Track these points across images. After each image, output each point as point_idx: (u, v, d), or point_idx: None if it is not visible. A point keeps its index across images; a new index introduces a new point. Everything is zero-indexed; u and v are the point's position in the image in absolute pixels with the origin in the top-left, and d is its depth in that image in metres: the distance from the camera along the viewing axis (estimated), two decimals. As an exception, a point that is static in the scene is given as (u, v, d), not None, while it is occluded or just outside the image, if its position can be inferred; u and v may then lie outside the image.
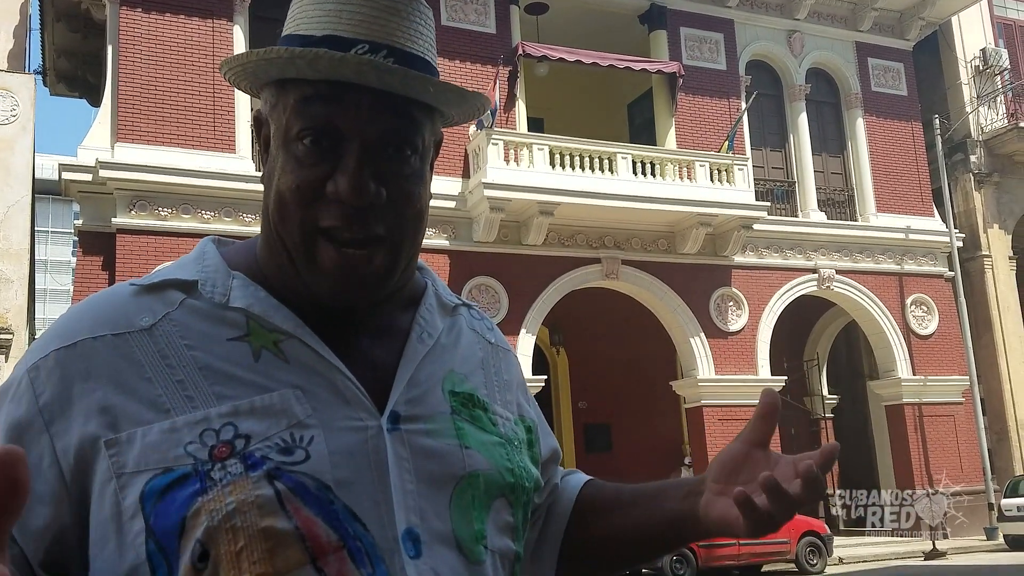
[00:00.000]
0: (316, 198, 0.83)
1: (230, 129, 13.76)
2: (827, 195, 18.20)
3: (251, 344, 0.83)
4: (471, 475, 0.86)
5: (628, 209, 15.15)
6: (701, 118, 17.03)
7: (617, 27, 17.28)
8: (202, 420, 0.78)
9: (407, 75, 0.83)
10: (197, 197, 13.23)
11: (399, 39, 0.85)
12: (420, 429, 0.85)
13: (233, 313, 0.84)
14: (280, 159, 0.85)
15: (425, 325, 0.93)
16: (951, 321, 18.29)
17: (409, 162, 0.86)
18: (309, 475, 0.78)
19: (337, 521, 0.77)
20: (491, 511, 0.87)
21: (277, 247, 0.86)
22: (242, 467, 0.76)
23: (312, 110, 0.83)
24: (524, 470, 0.92)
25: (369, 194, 0.82)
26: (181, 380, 0.80)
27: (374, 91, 0.83)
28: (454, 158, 14.88)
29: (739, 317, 16.53)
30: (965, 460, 17.49)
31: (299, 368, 0.83)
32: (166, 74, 13.49)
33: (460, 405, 0.90)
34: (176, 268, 0.88)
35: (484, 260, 14.80)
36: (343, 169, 0.82)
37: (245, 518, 0.75)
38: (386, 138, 0.84)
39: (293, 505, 0.76)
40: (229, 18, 14.03)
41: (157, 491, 0.76)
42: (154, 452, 0.77)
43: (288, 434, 0.79)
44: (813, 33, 18.50)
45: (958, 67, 20.51)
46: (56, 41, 17.32)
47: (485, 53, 15.43)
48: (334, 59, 0.81)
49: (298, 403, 0.81)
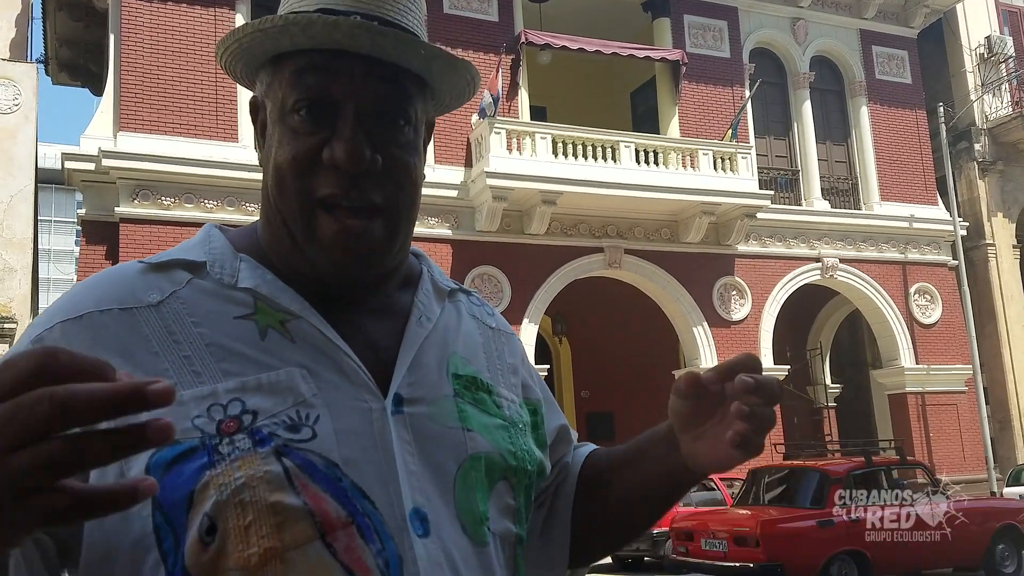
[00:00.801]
0: (313, 167, 0.84)
1: (232, 118, 13.75)
2: (831, 184, 18.16)
3: (257, 323, 0.83)
4: (473, 458, 0.86)
5: (631, 198, 15.13)
6: (704, 106, 16.98)
7: (620, 15, 17.22)
8: (209, 395, 0.78)
9: (398, 37, 0.84)
10: (200, 186, 13.23)
11: (389, 12, 0.87)
12: (423, 412, 0.86)
13: (240, 293, 0.85)
14: (277, 133, 0.86)
15: (423, 309, 0.93)
16: (955, 310, 18.27)
17: (403, 131, 0.87)
18: (317, 453, 0.78)
19: (346, 498, 0.78)
20: (493, 494, 0.88)
21: (278, 224, 0.87)
22: (250, 442, 0.76)
23: (306, 80, 0.85)
24: (527, 453, 0.92)
25: (365, 159, 0.83)
26: (188, 356, 0.80)
27: (367, 59, 0.84)
28: (456, 147, 14.86)
29: (742, 306, 16.52)
30: (968, 449, 17.51)
31: (305, 348, 0.83)
32: (168, 63, 13.47)
33: (463, 388, 0.90)
34: (182, 250, 0.89)
35: (487, 249, 14.80)
36: (338, 135, 0.83)
37: (254, 493, 0.75)
38: (380, 104, 0.85)
39: (301, 481, 0.76)
40: (231, 6, 14.00)
41: (164, 463, 0.75)
42: None
43: (295, 411, 0.79)
44: (817, 21, 18.42)
45: (963, 55, 20.42)
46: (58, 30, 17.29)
47: (488, 41, 15.39)
48: (327, 23, 0.82)
49: (304, 382, 0.81)
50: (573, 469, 1.05)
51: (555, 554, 1.03)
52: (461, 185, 14.73)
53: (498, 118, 14.61)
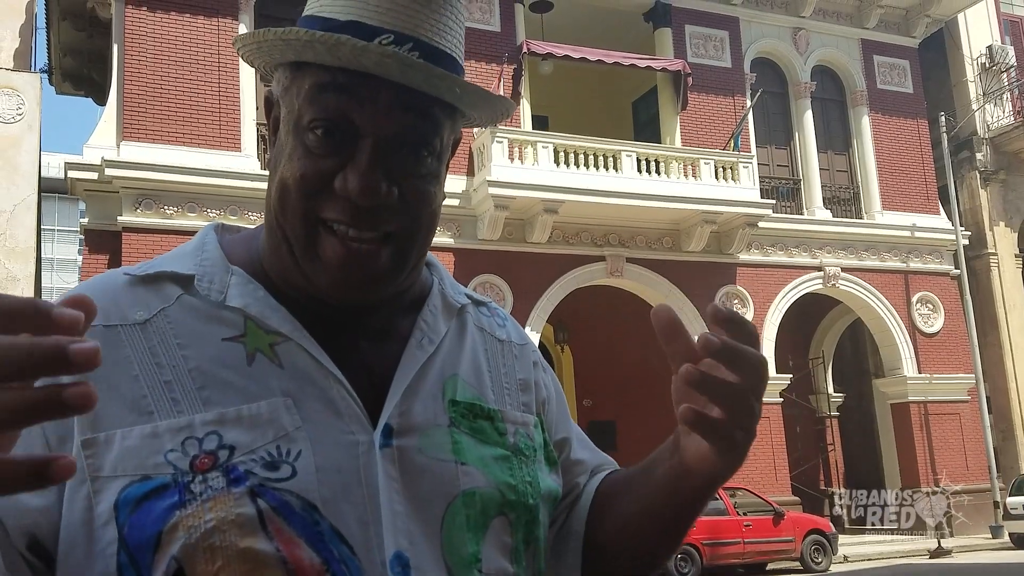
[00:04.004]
0: (322, 190, 0.78)
1: (235, 127, 13.79)
2: (832, 193, 18.17)
3: (246, 346, 0.79)
4: (466, 494, 0.80)
5: (632, 207, 15.14)
6: (706, 116, 17.01)
7: (621, 25, 17.27)
8: (185, 427, 0.74)
9: (431, 72, 0.77)
10: (202, 195, 13.26)
11: (427, 32, 0.79)
12: (412, 445, 0.80)
13: (230, 312, 0.80)
14: (288, 146, 0.80)
15: (427, 330, 0.87)
16: (957, 319, 18.25)
17: (425, 162, 0.81)
18: (294, 493, 0.73)
19: (322, 543, 0.73)
20: (488, 531, 0.82)
21: (278, 237, 0.82)
22: (224, 481, 0.72)
23: (326, 99, 0.78)
24: (528, 485, 0.85)
25: (379, 195, 0.77)
26: (169, 381, 0.76)
27: (394, 85, 0.78)
28: (459, 156, 14.89)
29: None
30: (971, 458, 17.46)
31: (293, 374, 0.78)
32: (171, 72, 13.52)
33: (460, 416, 0.84)
34: (174, 259, 0.84)
35: (488, 258, 14.81)
36: (354, 166, 0.77)
37: (224, 537, 0.71)
38: (402, 137, 0.79)
39: (275, 525, 0.72)
40: (234, 16, 14.05)
41: (133, 500, 0.71)
42: (133, 457, 0.72)
43: (275, 447, 0.74)
44: (819, 31, 18.46)
45: (964, 64, 20.45)
46: (62, 40, 17.36)
47: (490, 51, 15.43)
48: (356, 47, 0.75)
49: (287, 413, 0.76)
50: (590, 487, 0.96)
51: (566, 574, 0.94)
52: (463, 194, 14.75)
53: (500, 127, 14.64)
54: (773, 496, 14.65)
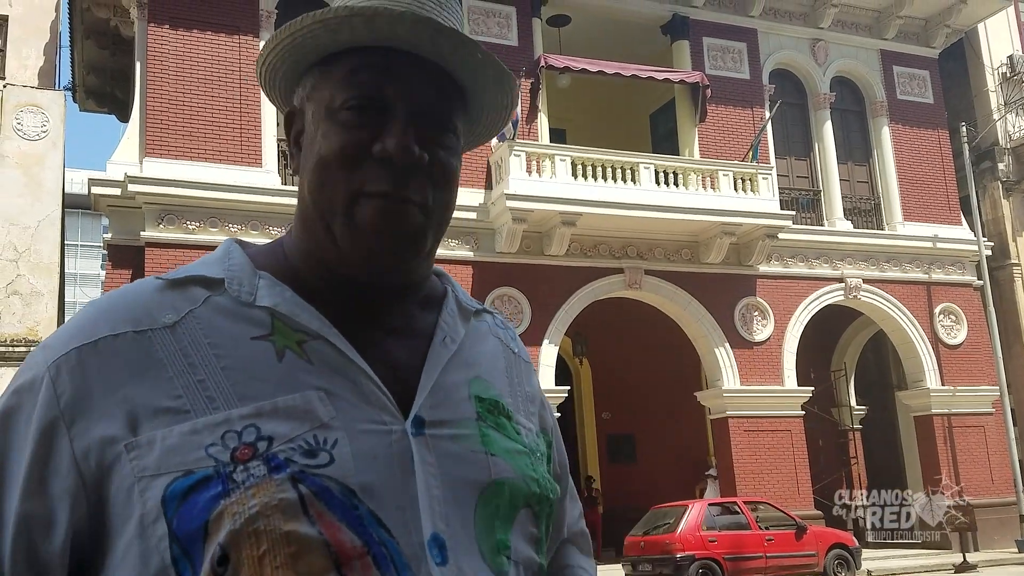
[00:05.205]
0: (360, 160, 0.84)
1: (256, 143, 13.91)
2: (853, 204, 18.06)
3: (275, 344, 0.82)
4: (496, 483, 0.84)
5: (651, 219, 15.11)
6: (724, 128, 16.97)
7: (639, 38, 17.28)
8: (223, 422, 0.76)
9: (458, 37, 0.85)
10: (224, 210, 13.37)
11: (442, 19, 0.87)
12: (446, 434, 0.83)
13: (258, 312, 0.83)
14: (321, 130, 0.86)
15: (448, 330, 0.91)
16: (980, 331, 18.05)
17: (449, 136, 0.89)
18: (333, 479, 0.76)
19: (361, 526, 0.76)
20: (516, 521, 0.85)
21: (313, 221, 0.86)
22: (265, 469, 0.75)
23: (360, 78, 0.85)
24: (548, 481, 0.91)
25: (414, 155, 0.83)
26: (202, 380, 0.78)
27: (421, 65, 0.86)
28: (477, 169, 14.94)
29: (764, 327, 16.41)
30: (995, 471, 17.22)
31: (323, 369, 0.81)
32: (193, 89, 13.67)
33: (486, 411, 0.88)
34: (201, 265, 0.88)
35: (506, 271, 14.82)
36: (389, 131, 0.84)
37: (268, 522, 0.73)
38: (429, 109, 0.87)
39: (317, 510, 0.75)
40: (255, 34, 14.20)
41: (179, 494, 0.74)
42: (175, 455, 0.75)
43: (312, 436, 0.77)
44: (837, 42, 18.39)
45: (985, 74, 20.30)
46: (85, 58, 17.61)
47: (508, 65, 15.24)
48: (392, 15, 0.82)
49: (321, 405, 0.79)
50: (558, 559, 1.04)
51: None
52: (481, 207, 14.79)
53: (518, 141, 14.68)
54: (795, 510, 14.51)
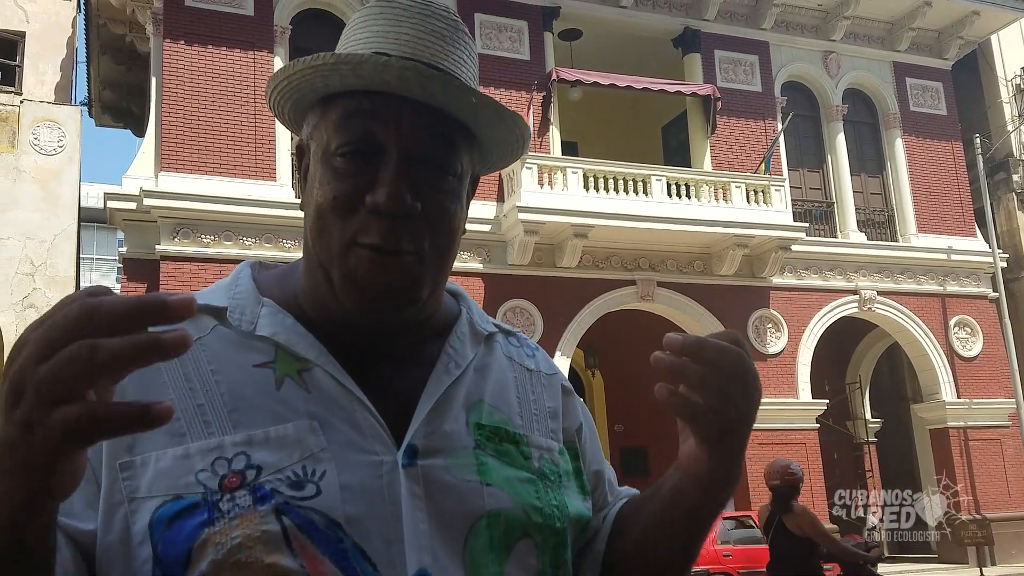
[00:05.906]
0: (354, 210, 0.82)
1: (271, 157, 14.00)
2: (867, 215, 17.99)
3: (275, 371, 0.82)
4: (491, 514, 0.82)
5: (663, 231, 15.10)
6: (736, 140, 16.96)
7: (651, 51, 17.33)
8: (216, 448, 0.77)
9: (449, 83, 0.82)
10: (239, 224, 13.46)
11: (443, 62, 0.85)
12: (438, 464, 0.82)
13: (261, 341, 0.84)
14: (319, 175, 0.85)
15: (454, 355, 0.90)
16: (996, 343, 17.91)
17: (446, 179, 0.86)
18: (318, 511, 0.76)
19: (345, 560, 0.75)
20: (512, 553, 0.82)
21: (314, 263, 0.86)
22: (251, 499, 0.75)
23: (352, 124, 0.84)
24: (555, 508, 0.87)
25: (405, 204, 0.81)
26: (201, 404, 0.79)
27: (415, 106, 0.84)
28: (488, 182, 14.98)
29: (778, 339, 16.35)
30: (1012, 484, 17.05)
31: (320, 398, 0.81)
32: (208, 104, 13.79)
33: (485, 439, 0.86)
34: (210, 294, 0.89)
35: (518, 283, 14.83)
36: (381, 180, 0.82)
37: (250, 553, 0.73)
38: (424, 154, 0.84)
39: (300, 542, 0.74)
40: (270, 49, 14.32)
41: (166, 519, 0.75)
42: (166, 478, 0.76)
43: (300, 467, 0.77)
44: (850, 54, 18.37)
45: (998, 85, 20.22)
46: (101, 73, 17.79)
47: (519, 79, 15.55)
48: (378, 64, 0.81)
49: (313, 435, 0.79)
50: (611, 512, 0.99)
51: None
52: (493, 219, 14.82)
53: (530, 153, 14.72)
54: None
